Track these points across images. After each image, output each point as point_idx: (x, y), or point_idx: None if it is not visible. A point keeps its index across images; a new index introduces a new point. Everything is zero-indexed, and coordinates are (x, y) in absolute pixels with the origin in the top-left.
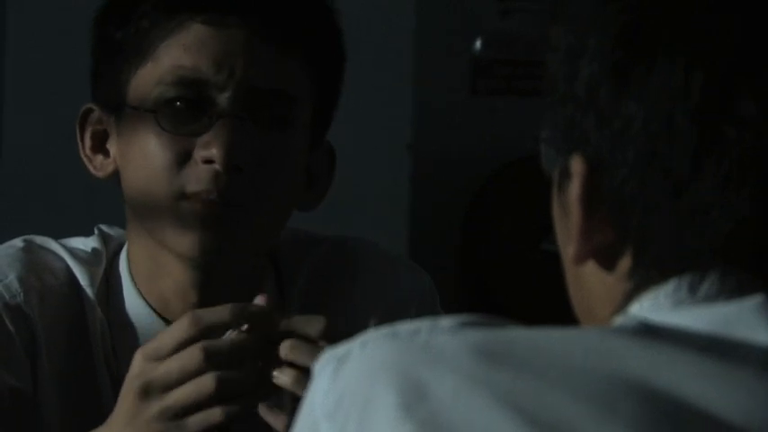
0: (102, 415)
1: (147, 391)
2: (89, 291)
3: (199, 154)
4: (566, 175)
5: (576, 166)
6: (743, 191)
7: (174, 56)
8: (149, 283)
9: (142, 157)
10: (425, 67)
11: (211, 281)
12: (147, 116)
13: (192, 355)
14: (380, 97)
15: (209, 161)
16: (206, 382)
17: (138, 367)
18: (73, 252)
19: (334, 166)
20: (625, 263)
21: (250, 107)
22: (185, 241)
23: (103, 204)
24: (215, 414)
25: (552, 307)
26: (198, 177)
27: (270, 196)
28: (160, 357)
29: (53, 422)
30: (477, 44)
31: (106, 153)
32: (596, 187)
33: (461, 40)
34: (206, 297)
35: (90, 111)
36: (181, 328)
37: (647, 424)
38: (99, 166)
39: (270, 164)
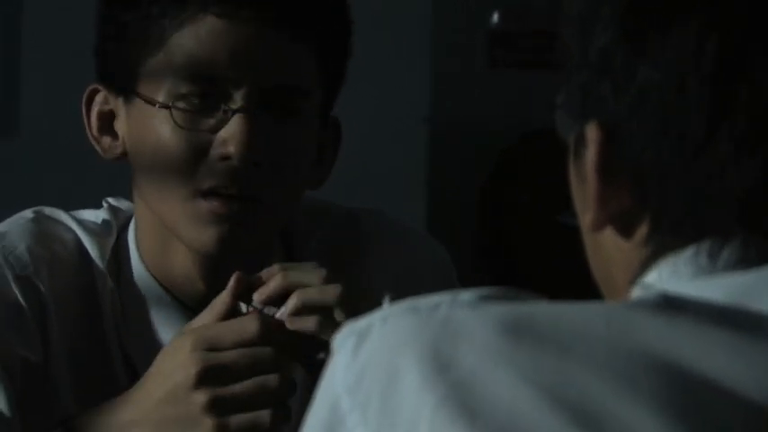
0: (114, 383)
1: (203, 379)
2: (99, 262)
3: (216, 151)
4: (582, 142)
5: (592, 132)
6: (758, 153)
7: (189, 49)
8: (157, 261)
9: (155, 152)
10: (443, 40)
11: (220, 270)
12: (161, 110)
13: (264, 353)
14: (398, 70)
15: (226, 158)
16: (272, 382)
17: (191, 351)
18: (83, 223)
19: (339, 138)
20: (642, 229)
21: (265, 102)
22: (202, 237)
23: (121, 178)
24: (263, 417)
25: (570, 279)
26: (215, 173)
27: (286, 188)
28: (217, 348)
29: (66, 392)
30: (495, 16)
31: (114, 135)
32: (613, 154)
33: (479, 13)
34: (215, 276)
35: (95, 91)
36: (248, 327)
37: (667, 400)
38: (107, 148)
39: (285, 157)
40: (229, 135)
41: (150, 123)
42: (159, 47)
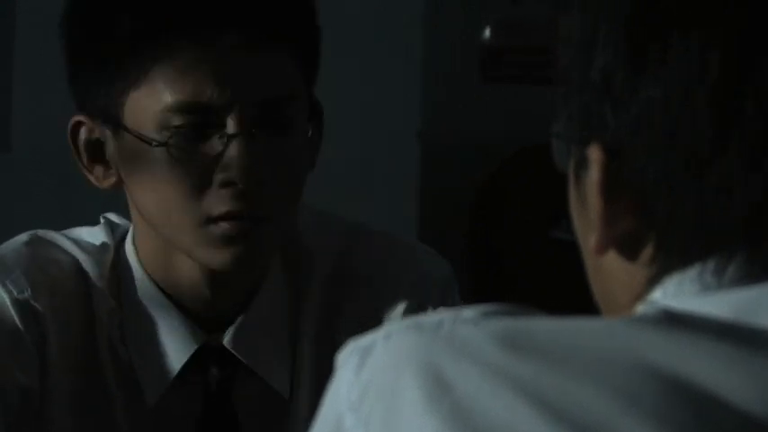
0: (109, 406)
1: None
2: (97, 282)
3: (218, 177)
4: (583, 165)
5: (595, 154)
6: (765, 165)
7: (172, 80)
8: (161, 274)
9: (156, 187)
10: (435, 55)
11: (225, 276)
12: (154, 145)
13: None
14: (390, 85)
15: (230, 183)
16: None
17: None
18: (79, 244)
19: (321, 121)
20: (648, 250)
21: (257, 121)
22: (218, 258)
23: (113, 195)
24: None
25: (561, 294)
26: (222, 200)
27: (290, 200)
28: None
29: (63, 415)
30: (487, 32)
31: (106, 163)
32: (616, 175)
33: (471, 28)
34: (220, 289)
35: (80, 123)
36: None
37: (669, 414)
38: (101, 177)
39: (285, 170)
40: (230, 160)
41: (146, 161)
42: (141, 80)
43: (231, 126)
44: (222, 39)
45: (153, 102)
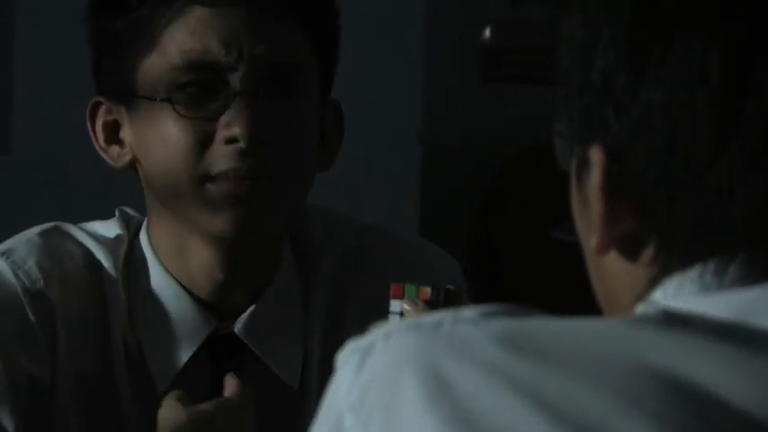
0: (117, 398)
1: None
2: (113, 273)
3: (221, 135)
4: (585, 166)
5: (596, 155)
6: (765, 165)
7: (181, 41)
8: (175, 262)
9: (161, 145)
10: (435, 56)
11: (237, 258)
12: (162, 104)
13: None
14: (390, 86)
15: (232, 140)
16: None
17: None
18: (94, 236)
19: (342, 122)
20: (649, 251)
21: (262, 82)
22: (217, 222)
23: (116, 196)
24: None
25: (564, 296)
26: (223, 157)
27: (295, 164)
28: None
29: (72, 404)
30: (487, 32)
31: (121, 143)
32: (617, 176)
33: (471, 29)
34: (232, 273)
35: (98, 104)
36: None
37: (670, 415)
38: (116, 158)
39: (290, 133)
40: (232, 118)
41: (153, 120)
42: (152, 46)
43: (236, 85)
44: (233, 2)
45: (163, 64)
